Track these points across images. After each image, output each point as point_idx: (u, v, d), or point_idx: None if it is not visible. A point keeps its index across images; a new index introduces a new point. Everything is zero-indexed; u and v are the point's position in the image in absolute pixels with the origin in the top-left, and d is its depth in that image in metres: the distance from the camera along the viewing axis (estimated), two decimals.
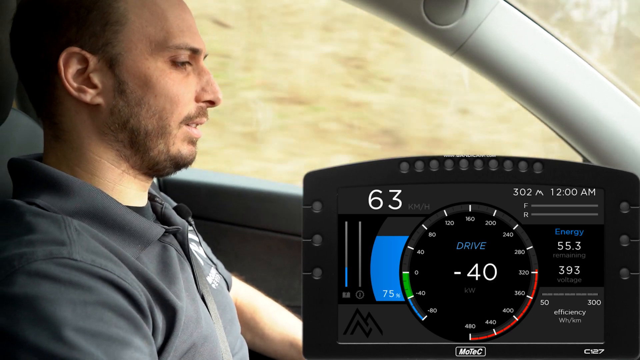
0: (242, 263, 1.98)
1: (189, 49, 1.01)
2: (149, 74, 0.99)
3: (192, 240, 1.17)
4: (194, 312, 1.01)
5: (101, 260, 0.88)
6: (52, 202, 0.95)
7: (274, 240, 1.99)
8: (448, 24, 1.30)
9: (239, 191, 2.06)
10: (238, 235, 2.00)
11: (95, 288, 0.86)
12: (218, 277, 1.20)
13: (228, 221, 2.01)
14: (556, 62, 1.33)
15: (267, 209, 2.01)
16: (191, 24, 1.04)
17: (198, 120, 1.04)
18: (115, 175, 1.01)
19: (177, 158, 1.03)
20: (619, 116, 1.33)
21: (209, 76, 1.05)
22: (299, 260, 2.01)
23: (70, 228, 0.90)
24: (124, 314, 0.87)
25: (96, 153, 1.00)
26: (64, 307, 0.83)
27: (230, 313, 1.17)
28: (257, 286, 1.47)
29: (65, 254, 0.87)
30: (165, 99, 0.99)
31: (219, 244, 1.97)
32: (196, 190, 2.01)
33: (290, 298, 1.97)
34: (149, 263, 0.99)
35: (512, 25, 1.31)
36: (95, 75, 0.98)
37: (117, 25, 0.98)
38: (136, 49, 0.98)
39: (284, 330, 1.39)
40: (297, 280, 1.99)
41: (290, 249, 1.98)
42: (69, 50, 0.97)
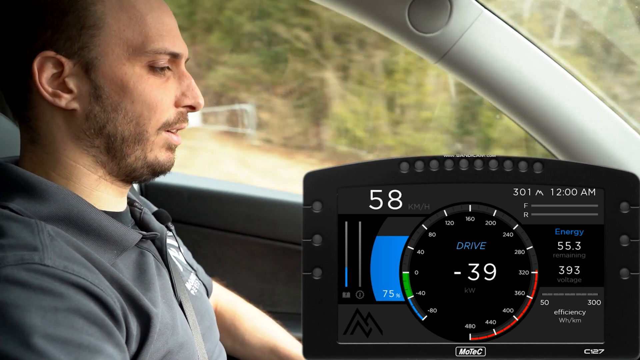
0: (223, 268, 1.97)
1: (168, 53, 0.99)
2: (126, 79, 0.97)
3: (171, 245, 1.16)
4: (170, 319, 0.99)
5: (74, 267, 0.87)
6: (26, 206, 0.93)
7: (256, 245, 1.99)
8: (432, 32, 1.30)
9: (221, 195, 2.05)
10: (220, 239, 2.00)
11: (67, 294, 0.84)
12: (197, 283, 1.18)
13: (210, 225, 2.00)
14: (538, 71, 1.34)
15: (250, 214, 2.00)
16: (172, 27, 1.01)
17: (178, 126, 1.03)
18: (92, 181, 1.00)
19: (154, 165, 1.02)
20: (600, 125, 1.34)
21: (190, 80, 1.03)
22: (282, 266, 2.01)
23: (43, 233, 0.88)
24: (96, 321, 0.85)
25: (72, 158, 0.98)
26: (34, 314, 0.81)
27: (209, 320, 1.16)
28: (239, 291, 1.46)
29: (37, 260, 0.85)
30: (142, 105, 0.98)
31: (201, 248, 1.96)
32: (178, 194, 2.01)
33: (272, 304, 1.96)
34: (124, 269, 0.98)
35: (496, 34, 1.32)
36: (71, 80, 0.96)
37: (93, 29, 0.96)
38: (113, 53, 0.96)
39: (264, 336, 1.38)
40: (279, 285, 1.98)
41: (273, 254, 1.98)
42: (44, 54, 0.95)
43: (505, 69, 1.32)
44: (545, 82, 1.33)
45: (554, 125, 1.35)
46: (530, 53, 1.34)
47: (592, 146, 1.34)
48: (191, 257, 1.29)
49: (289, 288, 1.99)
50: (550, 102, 1.33)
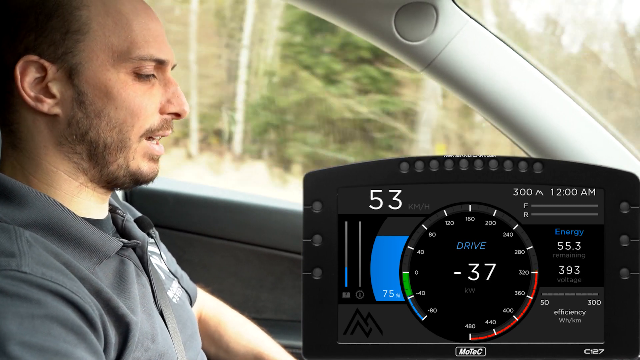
0: (208, 274, 1.97)
1: (154, 60, 0.98)
2: (110, 86, 0.96)
3: (153, 253, 1.15)
4: (150, 328, 0.98)
5: (52, 273, 0.85)
6: (5, 212, 0.91)
7: (242, 251, 1.98)
8: (418, 40, 1.31)
9: (207, 201, 2.05)
10: (205, 245, 1.99)
11: (44, 301, 0.83)
12: (180, 291, 1.17)
13: (195, 231, 2.00)
14: (521, 79, 1.35)
15: (235, 220, 2.00)
16: (158, 33, 1.00)
17: (161, 132, 1.02)
18: (73, 188, 0.98)
19: (136, 174, 1.01)
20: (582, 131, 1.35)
21: (176, 87, 1.02)
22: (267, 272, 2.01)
23: (22, 239, 0.87)
24: (74, 328, 0.84)
25: (52, 164, 0.97)
26: (10, 321, 0.79)
27: (191, 328, 1.15)
28: (224, 298, 1.46)
29: (14, 266, 0.83)
30: (126, 112, 0.97)
31: (186, 254, 1.95)
32: (163, 199, 2.00)
33: (257, 310, 1.96)
34: (104, 277, 0.96)
35: (481, 43, 1.33)
36: (54, 85, 0.95)
37: (78, 34, 0.94)
38: (97, 59, 0.95)
39: (248, 343, 1.37)
40: (264, 292, 1.98)
41: (258, 260, 1.98)
42: (27, 59, 0.93)
43: (490, 78, 1.33)
44: (529, 90, 1.35)
45: (537, 133, 1.36)
46: (514, 62, 1.35)
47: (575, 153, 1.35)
48: (175, 263, 1.28)
49: (274, 294, 1.98)
50: (534, 110, 1.35)
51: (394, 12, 1.30)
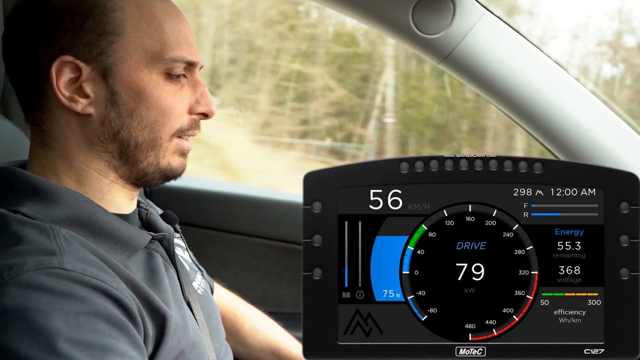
0: (227, 269, 1.98)
1: (185, 61, 1.00)
2: (143, 86, 0.97)
3: (178, 245, 1.17)
4: (181, 319, 1.00)
5: (92, 269, 0.87)
6: (37, 210, 0.93)
7: (259, 246, 1.99)
8: (436, 33, 1.32)
9: (224, 197, 2.06)
10: (223, 241, 2.00)
11: (88, 298, 0.85)
12: (204, 283, 1.19)
13: (213, 227, 2.01)
14: (539, 71, 1.35)
15: (252, 215, 2.01)
16: (188, 35, 1.02)
17: (190, 132, 1.03)
18: (103, 185, 1.00)
19: (166, 170, 1.02)
20: (600, 124, 1.35)
21: (204, 88, 1.04)
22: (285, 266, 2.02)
23: (60, 237, 0.89)
24: (117, 323, 0.86)
25: (84, 162, 0.99)
26: (56, 318, 0.81)
27: (215, 319, 1.16)
28: (243, 292, 1.47)
29: (56, 264, 0.85)
30: (157, 111, 0.98)
31: (205, 250, 1.97)
32: (182, 196, 2.01)
33: (276, 304, 1.97)
34: (136, 271, 0.98)
35: (498, 35, 1.33)
36: (88, 85, 0.97)
37: (112, 35, 0.96)
38: (131, 60, 0.97)
39: (265, 338, 1.38)
40: (283, 286, 1.99)
41: (276, 254, 1.99)
42: (62, 59, 0.95)
43: (507, 70, 1.33)
44: (546, 83, 1.35)
45: (554, 125, 1.36)
46: (532, 54, 1.35)
47: (592, 146, 1.35)
48: (194, 257, 1.29)
49: (293, 288, 1.99)
50: (551, 102, 1.34)
51: (411, 6, 1.30)
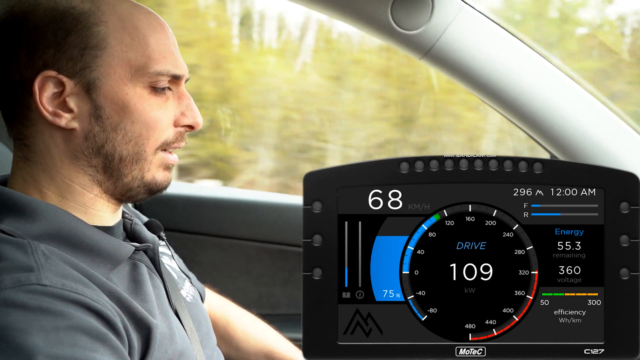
0: (220, 274, 1.98)
1: (170, 75, 0.99)
2: (127, 100, 0.96)
3: (164, 254, 1.16)
4: (168, 329, 0.99)
5: (71, 284, 0.86)
6: (17, 226, 0.91)
7: (252, 249, 1.99)
8: (415, 29, 1.32)
9: (215, 202, 2.05)
10: (216, 246, 2.00)
11: (67, 312, 0.83)
12: (192, 290, 1.18)
13: (205, 232, 2.01)
14: (521, 63, 1.35)
15: (244, 219, 2.01)
16: (173, 49, 1.01)
17: (176, 145, 1.02)
18: (87, 200, 0.99)
19: (151, 184, 1.01)
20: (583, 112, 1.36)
21: (189, 100, 1.03)
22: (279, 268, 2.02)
23: (37, 253, 0.88)
24: (99, 337, 0.85)
25: (68, 177, 0.98)
26: (35, 335, 0.80)
27: (206, 326, 1.15)
28: (238, 296, 1.46)
29: (34, 280, 0.84)
30: (142, 125, 0.97)
31: (197, 256, 1.96)
32: (172, 202, 2.00)
33: (271, 306, 1.97)
34: (119, 282, 0.97)
35: (477, 28, 1.34)
36: (72, 100, 0.95)
37: (96, 49, 0.95)
38: (115, 74, 0.96)
39: (257, 342, 1.38)
40: (277, 288, 1.98)
41: (269, 257, 1.98)
42: (45, 74, 0.94)
43: (488, 62, 1.34)
44: (527, 73, 1.35)
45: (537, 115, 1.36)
46: (512, 45, 1.36)
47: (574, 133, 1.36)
48: (183, 264, 1.28)
49: (287, 290, 1.99)
50: (533, 92, 1.35)
51: (390, 3, 1.31)
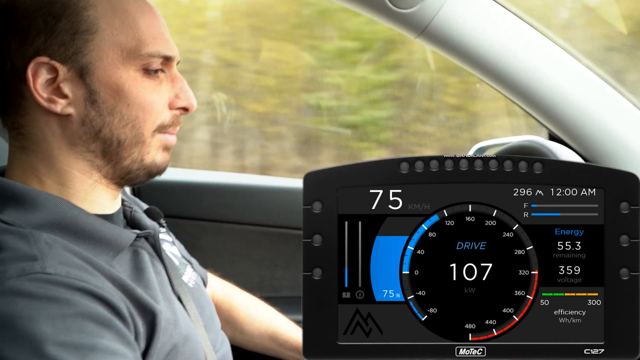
0: (221, 258, 1.99)
1: (161, 56, 1.00)
2: (121, 83, 0.97)
3: (164, 240, 1.16)
4: (171, 314, 1.00)
5: (76, 272, 0.87)
6: (17, 217, 0.92)
7: (252, 233, 2.00)
8: (411, 7, 1.31)
9: (213, 187, 2.07)
10: (216, 231, 2.01)
11: (73, 300, 0.85)
12: (194, 275, 1.19)
13: (205, 218, 2.02)
14: (516, 38, 1.35)
15: (242, 203, 2.02)
16: (163, 30, 1.02)
17: (171, 129, 1.03)
18: (87, 186, 0.99)
19: (150, 167, 1.02)
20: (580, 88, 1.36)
21: (183, 83, 1.03)
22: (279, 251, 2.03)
23: (40, 242, 0.89)
24: (105, 323, 0.86)
25: (66, 164, 0.98)
26: (43, 323, 0.81)
27: (209, 310, 1.17)
28: (239, 280, 1.47)
29: (38, 269, 0.85)
30: (138, 108, 0.98)
31: (198, 242, 1.97)
32: (170, 189, 2.01)
33: (273, 289, 1.98)
34: (122, 270, 0.98)
35: (473, 5, 1.33)
36: (66, 85, 0.96)
37: (87, 34, 0.95)
38: (107, 57, 0.96)
39: (261, 325, 1.39)
40: (278, 271, 2.00)
41: (268, 240, 2.00)
42: (38, 60, 0.94)
43: (485, 39, 1.34)
44: (524, 48, 1.35)
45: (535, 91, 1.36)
46: (508, 21, 1.35)
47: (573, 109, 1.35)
48: (184, 250, 1.29)
49: (289, 272, 2.00)
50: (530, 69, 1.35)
51: None
